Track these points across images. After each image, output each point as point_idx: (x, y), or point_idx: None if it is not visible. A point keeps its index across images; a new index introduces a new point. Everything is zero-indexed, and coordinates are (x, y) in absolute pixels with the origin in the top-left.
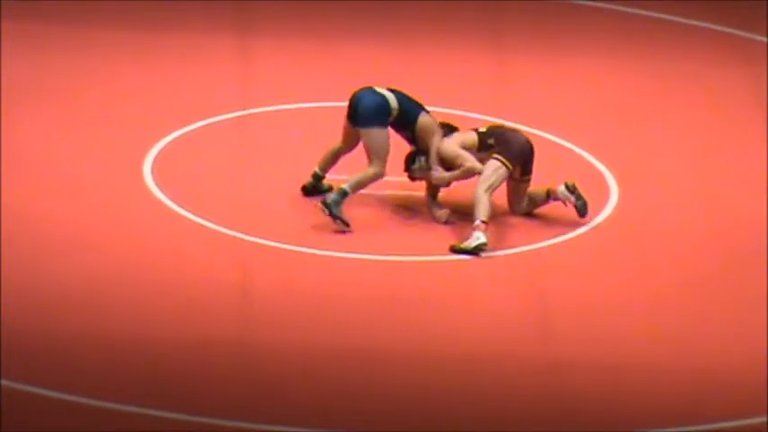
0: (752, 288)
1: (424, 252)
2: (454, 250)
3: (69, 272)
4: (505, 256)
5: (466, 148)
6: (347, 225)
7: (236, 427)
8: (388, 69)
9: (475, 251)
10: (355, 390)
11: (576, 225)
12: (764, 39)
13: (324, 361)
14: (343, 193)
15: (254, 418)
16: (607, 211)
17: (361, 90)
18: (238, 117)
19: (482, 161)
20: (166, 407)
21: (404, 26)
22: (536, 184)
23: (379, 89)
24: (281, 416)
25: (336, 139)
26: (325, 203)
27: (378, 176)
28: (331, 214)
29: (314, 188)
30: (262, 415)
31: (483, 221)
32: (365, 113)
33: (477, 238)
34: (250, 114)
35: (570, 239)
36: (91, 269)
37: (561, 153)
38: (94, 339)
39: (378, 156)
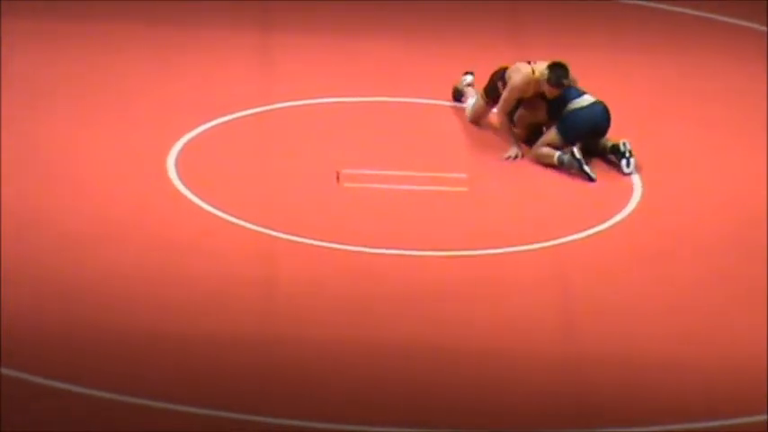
0: None
1: (447, 247)
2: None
3: (94, 267)
4: (527, 251)
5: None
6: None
7: (261, 423)
8: (407, 66)
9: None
10: (379, 384)
11: (598, 221)
12: None
13: (350, 356)
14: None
15: (278, 414)
16: (630, 207)
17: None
18: (261, 113)
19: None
20: (190, 402)
21: (423, 23)
22: (554, 179)
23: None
24: (306, 411)
25: (353, 133)
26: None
27: None
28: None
29: None
30: (287, 411)
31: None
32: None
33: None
34: (272, 110)
35: (592, 235)
36: (115, 264)
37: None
38: (119, 335)
39: None
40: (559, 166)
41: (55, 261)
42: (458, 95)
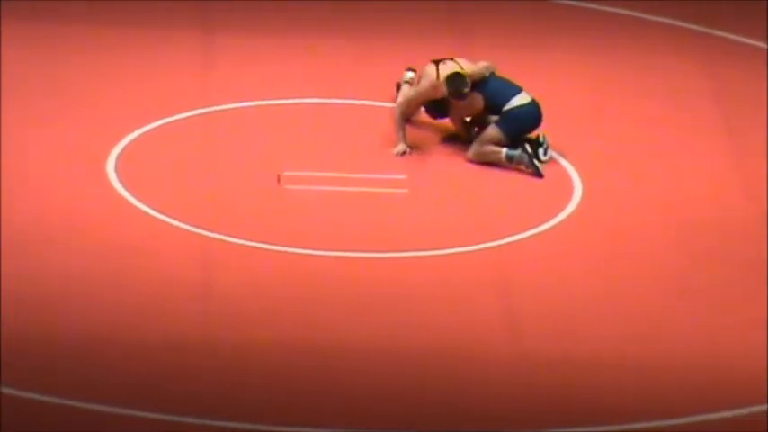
0: (714, 283)
1: (389, 249)
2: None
3: (32, 269)
4: (469, 252)
5: None
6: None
7: (200, 425)
8: (349, 67)
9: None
10: (320, 387)
11: (540, 221)
12: (722, 33)
13: (289, 359)
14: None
15: (216, 416)
16: (571, 206)
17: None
18: (202, 114)
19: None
20: (128, 404)
21: (365, 24)
22: (493, 179)
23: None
24: (244, 413)
25: (294, 135)
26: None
27: None
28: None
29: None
30: (226, 413)
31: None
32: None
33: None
34: (213, 112)
35: (535, 235)
36: (54, 267)
37: None
38: (56, 338)
39: None
40: (508, 162)
41: None
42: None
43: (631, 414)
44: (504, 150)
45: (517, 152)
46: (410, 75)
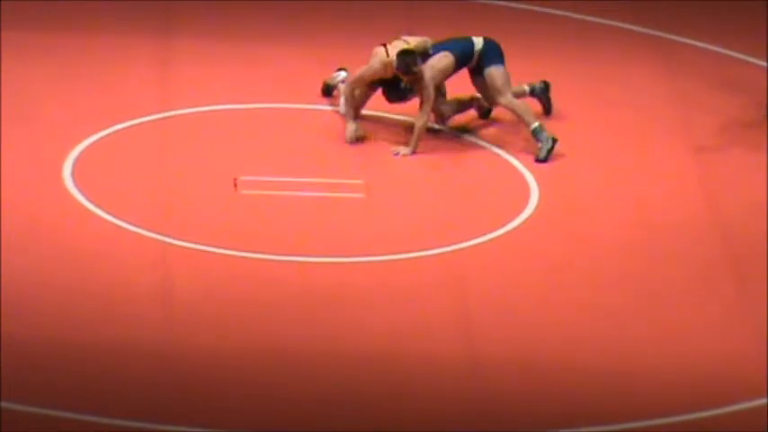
0: (668, 289)
1: (345, 254)
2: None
3: None
4: (426, 257)
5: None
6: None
7: (154, 429)
8: (305, 72)
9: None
10: (276, 391)
11: (496, 225)
12: (682, 39)
13: (244, 363)
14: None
15: (173, 421)
16: (528, 211)
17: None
18: (158, 119)
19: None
20: (85, 410)
21: (320, 29)
22: (453, 184)
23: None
24: (200, 418)
25: (251, 140)
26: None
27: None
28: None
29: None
30: (181, 418)
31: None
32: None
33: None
34: (170, 117)
35: (491, 240)
36: (10, 271)
37: (481, 154)
38: (11, 342)
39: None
40: (534, 134)
41: None
42: (329, 90)
43: (588, 417)
44: (536, 123)
45: (544, 131)
46: (342, 74)
